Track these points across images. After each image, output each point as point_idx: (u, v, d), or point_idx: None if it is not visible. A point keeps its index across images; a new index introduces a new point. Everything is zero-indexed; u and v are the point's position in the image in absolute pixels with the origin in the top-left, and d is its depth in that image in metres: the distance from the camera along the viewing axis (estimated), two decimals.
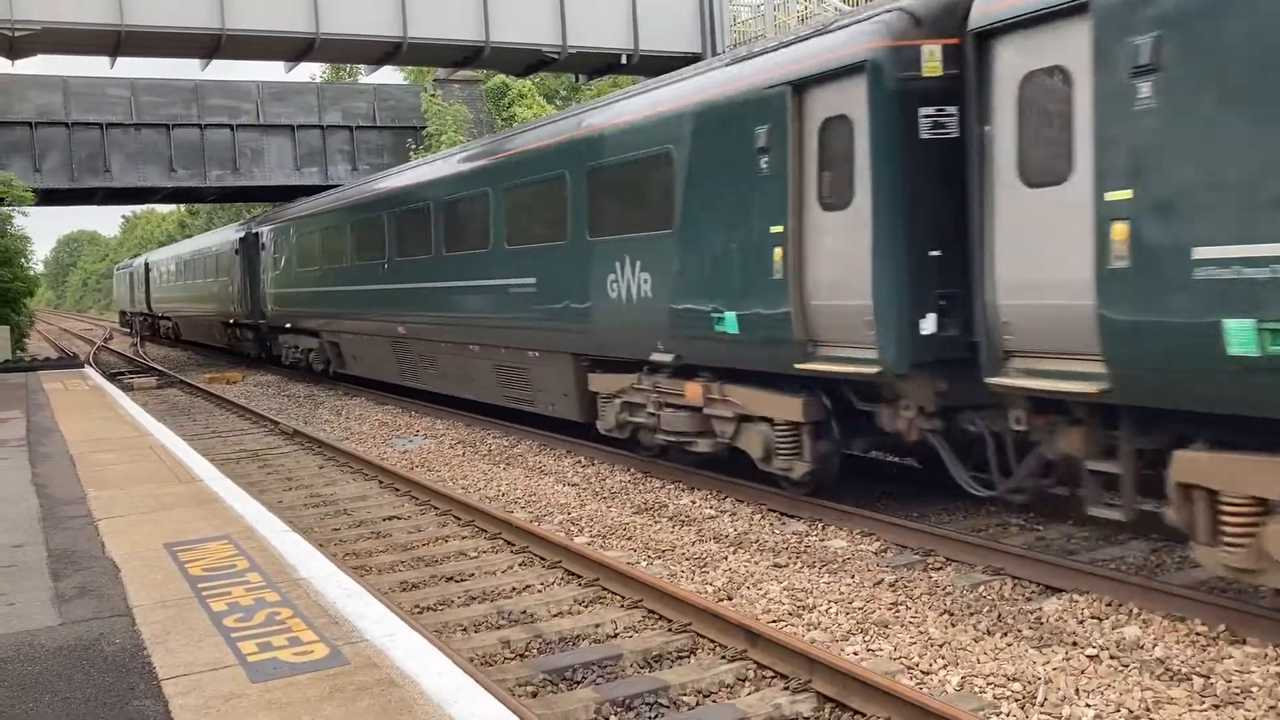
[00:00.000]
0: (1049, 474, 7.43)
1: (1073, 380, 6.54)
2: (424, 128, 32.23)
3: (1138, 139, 5.93)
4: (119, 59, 20.64)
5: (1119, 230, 6.02)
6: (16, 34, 17.48)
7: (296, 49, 20.56)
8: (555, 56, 21.70)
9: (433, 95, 32.80)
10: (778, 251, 8.66)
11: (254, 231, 27.13)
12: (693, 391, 10.10)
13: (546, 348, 12.89)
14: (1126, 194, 6.00)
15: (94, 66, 39.16)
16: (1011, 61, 6.97)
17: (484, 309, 14.30)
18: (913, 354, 7.69)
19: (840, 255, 8.22)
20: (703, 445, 10.26)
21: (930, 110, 7.63)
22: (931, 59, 7.63)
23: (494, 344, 14.22)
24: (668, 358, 10.30)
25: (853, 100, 7.99)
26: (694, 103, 9.85)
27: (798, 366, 8.63)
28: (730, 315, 9.24)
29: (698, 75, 10.27)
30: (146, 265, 48.49)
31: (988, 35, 7.09)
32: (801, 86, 8.50)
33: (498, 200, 13.79)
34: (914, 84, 7.64)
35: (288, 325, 24.46)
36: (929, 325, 7.61)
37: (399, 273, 17.34)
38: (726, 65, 9.82)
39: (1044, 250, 6.75)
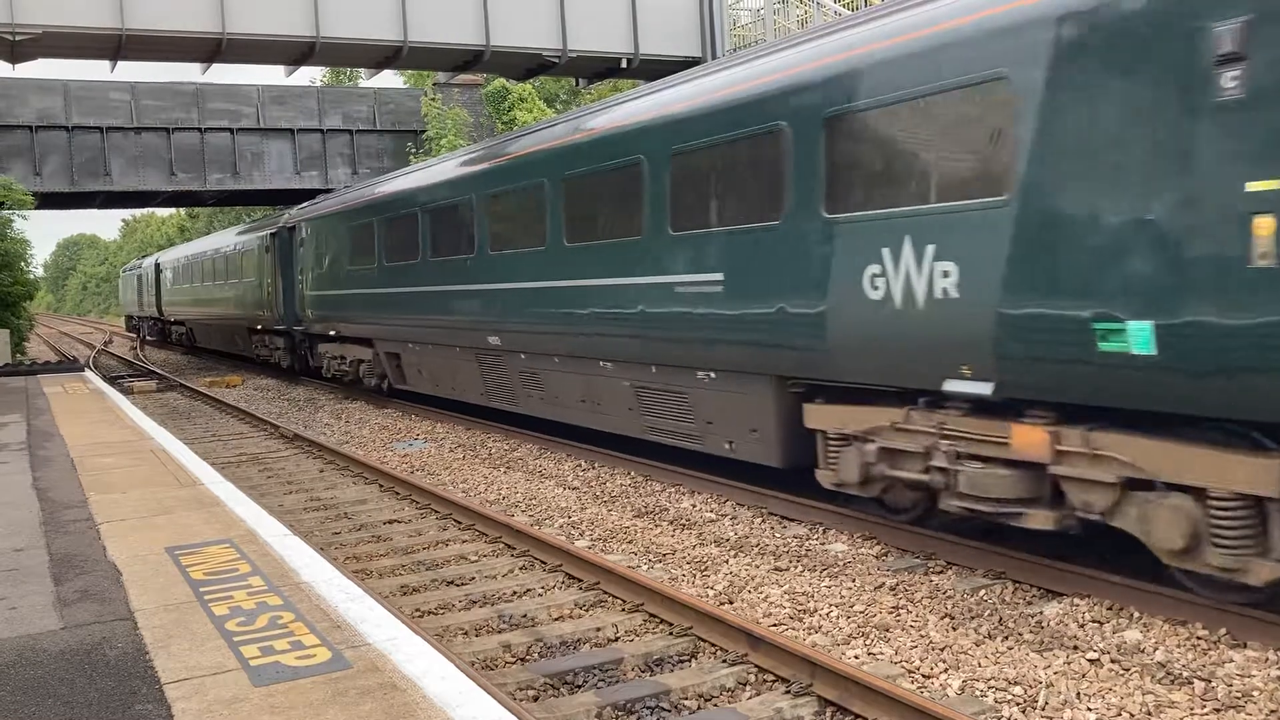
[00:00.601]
0: None
1: None
2: (424, 131, 32.29)
3: None
4: (119, 63, 20.66)
5: None
6: (17, 38, 17.49)
7: (297, 53, 20.56)
8: (555, 60, 21.71)
9: (433, 99, 32.85)
10: (1263, 223, 5.44)
11: (289, 225, 23.83)
12: (1028, 439, 6.85)
13: (732, 366, 9.59)
14: None
15: (94, 70, 39.16)
16: None
17: (629, 315, 10.77)
18: None
19: None
20: (1038, 519, 6.91)
21: None
22: None
23: (640, 360, 10.93)
24: (982, 389, 7.02)
25: None
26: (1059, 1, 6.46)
27: None
28: (1139, 327, 6.03)
29: None
30: (157, 266, 44.91)
31: None
32: None
33: (658, 172, 10.24)
34: None
35: (332, 333, 21.20)
36: None
37: (493, 270, 13.78)
38: None
39: None
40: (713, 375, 9.95)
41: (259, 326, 27.16)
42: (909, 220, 7.51)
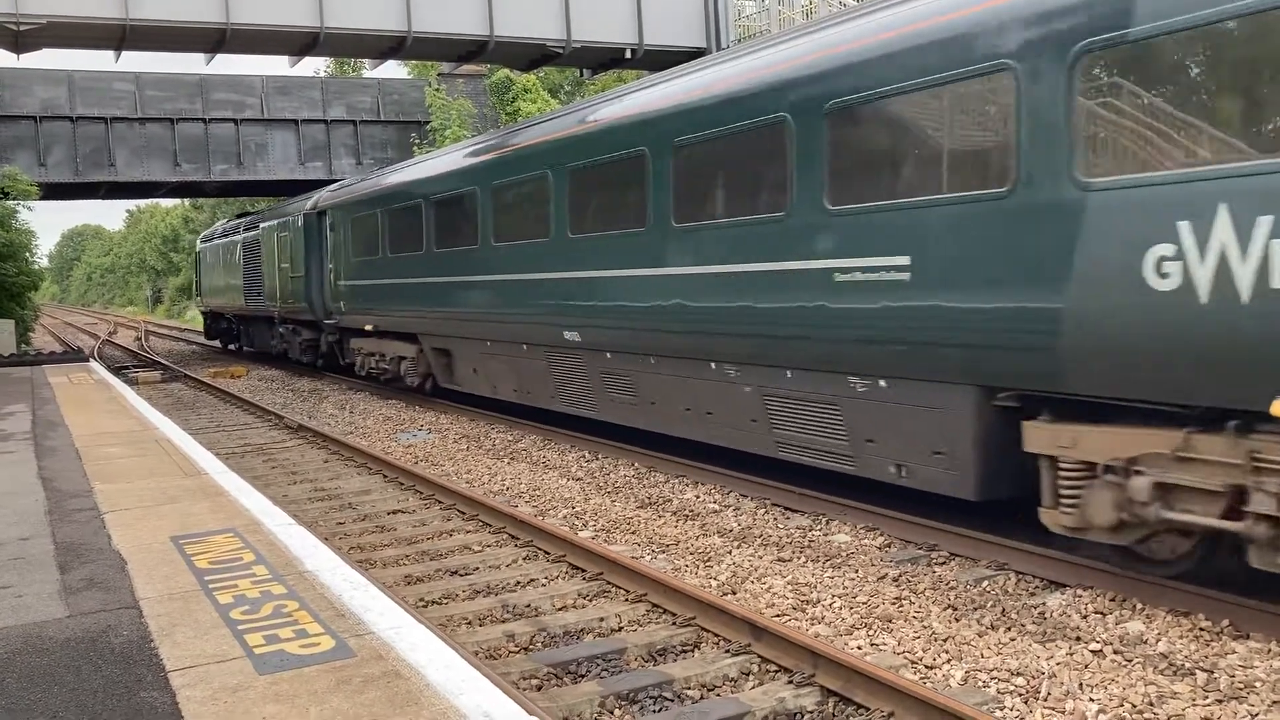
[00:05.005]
0: None
1: None
2: (428, 122, 32.26)
3: None
4: (124, 53, 20.68)
5: None
6: (21, 28, 17.50)
7: (301, 43, 20.55)
8: (559, 51, 21.68)
9: (437, 90, 32.81)
10: None
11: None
12: None
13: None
14: None
15: (99, 61, 39.17)
16: None
17: None
18: None
19: None
20: None
21: None
22: None
23: None
24: None
25: None
26: None
27: None
28: None
29: None
30: (324, 218, 21.48)
31: None
32: None
33: None
34: None
35: None
36: None
37: None
38: None
39: None
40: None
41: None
42: None
